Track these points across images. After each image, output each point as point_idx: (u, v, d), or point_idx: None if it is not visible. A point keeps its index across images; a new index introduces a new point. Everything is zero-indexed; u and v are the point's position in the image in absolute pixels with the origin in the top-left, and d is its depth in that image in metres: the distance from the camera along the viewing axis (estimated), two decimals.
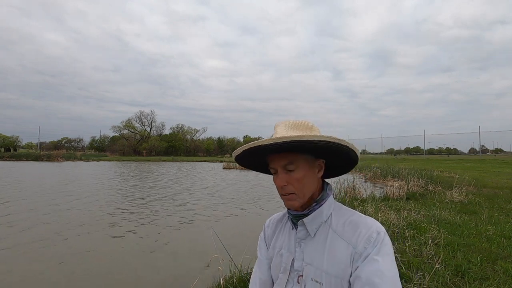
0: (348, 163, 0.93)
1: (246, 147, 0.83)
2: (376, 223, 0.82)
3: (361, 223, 0.81)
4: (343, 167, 0.98)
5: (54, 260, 3.90)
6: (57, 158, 37.43)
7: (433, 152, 67.38)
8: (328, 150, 0.82)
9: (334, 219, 0.86)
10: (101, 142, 75.06)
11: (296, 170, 0.84)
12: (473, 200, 6.29)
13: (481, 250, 3.25)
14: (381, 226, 0.81)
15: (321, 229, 0.86)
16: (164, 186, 12.41)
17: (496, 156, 34.15)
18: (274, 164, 0.86)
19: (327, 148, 0.80)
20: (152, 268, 3.67)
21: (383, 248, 0.76)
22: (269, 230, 1.02)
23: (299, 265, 0.85)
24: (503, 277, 2.60)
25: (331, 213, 0.87)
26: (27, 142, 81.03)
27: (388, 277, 0.72)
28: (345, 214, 0.87)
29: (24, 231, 5.22)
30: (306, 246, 0.86)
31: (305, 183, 0.84)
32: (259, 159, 0.92)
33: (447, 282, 2.49)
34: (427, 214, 5.06)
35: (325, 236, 0.84)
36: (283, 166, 0.84)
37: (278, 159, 0.85)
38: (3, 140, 69.07)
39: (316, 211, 0.86)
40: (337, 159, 0.89)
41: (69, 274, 3.48)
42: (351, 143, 0.83)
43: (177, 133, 75.85)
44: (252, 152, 0.85)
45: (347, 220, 0.84)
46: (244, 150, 0.84)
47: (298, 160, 0.84)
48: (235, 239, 4.78)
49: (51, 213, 6.74)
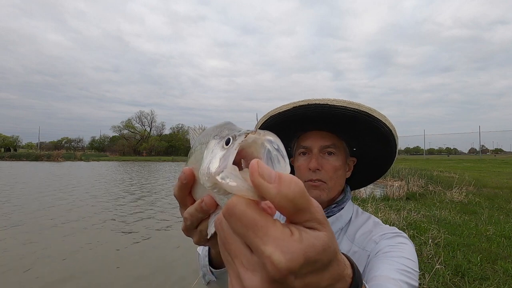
0: (374, 173, 0.85)
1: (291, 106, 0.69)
2: (395, 228, 0.74)
3: (378, 229, 0.73)
4: (365, 179, 0.89)
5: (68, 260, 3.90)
6: (57, 158, 37.45)
7: (433, 152, 67.45)
8: (374, 145, 0.75)
9: (351, 226, 0.76)
10: (101, 142, 75.12)
11: (336, 156, 0.74)
12: (473, 200, 6.29)
13: (481, 250, 3.25)
14: (404, 234, 0.72)
15: (337, 235, 0.75)
16: (164, 186, 12.42)
17: (496, 156, 34.18)
18: (310, 142, 0.74)
19: (382, 137, 0.72)
20: (153, 268, 3.67)
21: (400, 243, 0.67)
22: None
23: None
24: (503, 277, 2.60)
25: (350, 219, 0.77)
26: (27, 142, 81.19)
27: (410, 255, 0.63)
28: (363, 219, 0.78)
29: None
30: None
31: (339, 175, 0.74)
32: (285, 133, 0.78)
33: (447, 282, 2.49)
34: (427, 214, 5.06)
35: (340, 241, 0.75)
36: (323, 147, 0.73)
37: (319, 137, 0.74)
38: (3, 140, 69.14)
39: (336, 215, 0.76)
40: (368, 166, 0.80)
41: (77, 273, 3.48)
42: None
43: (177, 133, 75.87)
44: (284, 119, 0.72)
45: (364, 226, 0.75)
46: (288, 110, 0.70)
47: (340, 146, 0.74)
48: None
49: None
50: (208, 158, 0.30)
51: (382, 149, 0.77)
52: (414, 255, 0.65)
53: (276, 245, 0.23)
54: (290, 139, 0.79)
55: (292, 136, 0.79)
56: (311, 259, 0.23)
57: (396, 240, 0.67)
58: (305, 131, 0.75)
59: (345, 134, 0.75)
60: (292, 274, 0.23)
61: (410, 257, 0.63)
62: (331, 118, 0.69)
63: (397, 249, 0.64)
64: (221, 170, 0.27)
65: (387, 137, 0.73)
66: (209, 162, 0.29)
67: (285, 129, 0.76)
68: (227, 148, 0.28)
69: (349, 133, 0.74)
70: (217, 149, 0.29)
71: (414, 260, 0.63)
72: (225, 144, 0.28)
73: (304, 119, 0.71)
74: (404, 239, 0.68)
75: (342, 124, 0.70)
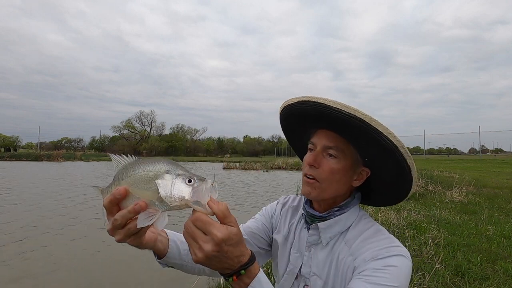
0: (396, 194, 0.79)
1: (293, 100, 0.73)
2: (394, 242, 0.69)
3: (374, 244, 0.69)
4: (387, 196, 0.82)
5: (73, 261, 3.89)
6: (57, 158, 37.40)
7: (433, 152, 67.44)
8: (385, 161, 0.70)
9: (351, 231, 0.75)
10: (101, 142, 75.04)
11: (337, 159, 0.72)
12: (473, 200, 6.29)
13: (481, 250, 3.25)
14: (402, 249, 0.67)
15: (336, 239, 0.76)
16: None
17: (496, 156, 34.19)
18: (316, 140, 0.75)
19: (388, 154, 0.67)
20: (153, 267, 3.67)
21: (389, 266, 0.63)
22: (280, 213, 0.93)
23: (306, 271, 0.78)
24: (503, 277, 2.60)
25: (351, 224, 0.76)
26: (27, 142, 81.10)
27: None
28: (365, 227, 0.75)
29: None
30: (315, 252, 0.78)
31: (336, 179, 0.73)
32: (299, 128, 0.81)
33: (447, 282, 2.49)
34: (427, 214, 5.07)
35: (337, 248, 0.75)
36: (325, 147, 0.73)
37: (324, 136, 0.73)
38: (3, 140, 69.09)
39: (335, 218, 0.76)
40: (387, 178, 0.75)
41: (71, 277, 3.48)
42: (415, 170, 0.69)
43: (177, 133, 75.86)
44: (299, 114, 0.74)
45: (364, 233, 0.73)
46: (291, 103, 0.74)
47: (346, 151, 0.72)
48: None
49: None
50: (169, 187, 0.50)
51: (393, 168, 0.70)
52: (400, 280, 0.62)
53: (217, 230, 0.51)
54: (310, 135, 0.79)
55: (310, 132, 0.79)
56: (230, 237, 0.52)
57: (385, 263, 0.64)
58: (319, 128, 0.75)
59: (352, 140, 0.72)
60: (223, 242, 0.51)
61: (393, 283, 0.61)
62: (327, 118, 0.68)
63: (380, 274, 0.62)
64: (194, 199, 0.50)
65: (393, 153, 0.67)
66: (177, 191, 0.50)
67: (305, 124, 0.78)
68: (191, 185, 0.51)
69: (354, 139, 0.71)
70: (180, 183, 0.51)
71: (397, 285, 0.61)
72: (188, 181, 0.51)
73: (309, 116, 0.72)
74: (396, 260, 0.65)
75: (348, 128, 0.68)
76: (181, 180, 0.51)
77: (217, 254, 0.51)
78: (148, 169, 0.52)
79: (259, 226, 0.91)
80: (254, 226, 0.91)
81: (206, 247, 0.50)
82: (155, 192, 0.50)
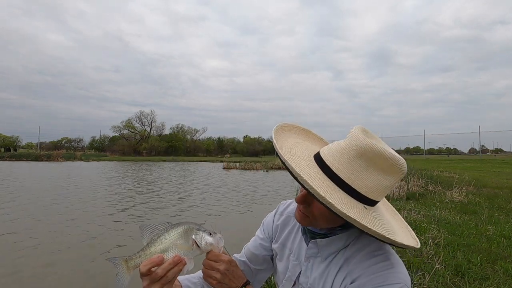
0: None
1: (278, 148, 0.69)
2: (395, 270, 0.65)
3: (376, 262, 0.67)
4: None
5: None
6: (57, 158, 37.40)
7: (433, 152, 67.36)
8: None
9: (351, 247, 0.73)
10: (101, 142, 75.03)
11: (314, 205, 0.70)
12: (473, 200, 6.29)
13: (481, 250, 3.25)
14: (402, 277, 0.65)
15: (335, 255, 0.74)
16: (165, 186, 12.42)
17: (496, 156, 34.15)
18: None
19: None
20: None
21: None
22: (279, 223, 0.93)
23: (304, 281, 0.79)
24: (503, 277, 2.60)
25: (352, 241, 0.73)
26: (27, 142, 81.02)
27: None
28: (366, 242, 0.72)
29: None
30: (314, 264, 0.78)
31: (328, 218, 0.70)
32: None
33: (447, 282, 2.50)
34: (427, 214, 5.06)
35: (335, 264, 0.73)
36: (302, 194, 0.72)
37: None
38: (3, 140, 69.06)
39: (337, 235, 0.74)
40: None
41: (77, 275, 3.48)
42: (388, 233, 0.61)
43: (177, 133, 75.84)
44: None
45: (364, 250, 0.70)
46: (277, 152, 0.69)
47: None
48: (235, 237, 4.77)
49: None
50: (203, 239, 0.74)
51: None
52: None
53: (224, 257, 0.77)
54: None
55: None
56: (227, 270, 0.76)
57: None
58: None
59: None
60: (226, 270, 0.76)
61: None
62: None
63: None
64: (215, 244, 0.75)
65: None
66: (207, 241, 0.74)
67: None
68: (213, 236, 0.75)
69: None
70: (207, 236, 0.75)
71: None
72: (209, 234, 0.75)
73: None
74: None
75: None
76: (207, 234, 0.75)
77: (227, 272, 0.75)
78: (178, 231, 0.75)
79: (257, 245, 0.98)
80: (253, 246, 1.00)
81: (217, 276, 0.75)
82: (190, 244, 0.73)
